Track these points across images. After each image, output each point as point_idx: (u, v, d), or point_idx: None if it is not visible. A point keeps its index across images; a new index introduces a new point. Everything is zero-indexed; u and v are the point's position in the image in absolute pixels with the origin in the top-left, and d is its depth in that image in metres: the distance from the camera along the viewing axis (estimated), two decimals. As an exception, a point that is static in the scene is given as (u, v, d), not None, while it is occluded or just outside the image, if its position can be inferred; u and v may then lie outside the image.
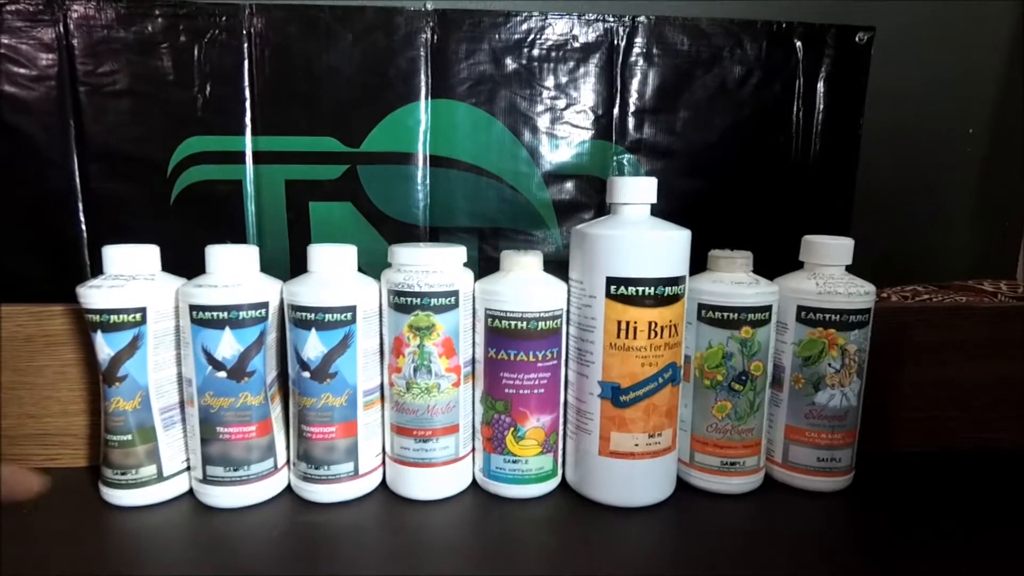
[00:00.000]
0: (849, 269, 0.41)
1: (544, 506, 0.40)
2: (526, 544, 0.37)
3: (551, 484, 0.41)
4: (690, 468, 0.41)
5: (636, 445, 0.38)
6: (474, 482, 0.42)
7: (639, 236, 0.37)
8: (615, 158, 0.67)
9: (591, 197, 0.67)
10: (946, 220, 0.81)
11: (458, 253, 0.39)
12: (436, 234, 0.62)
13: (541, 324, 0.38)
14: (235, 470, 0.38)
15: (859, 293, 0.39)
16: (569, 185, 0.66)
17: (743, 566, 0.34)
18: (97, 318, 0.37)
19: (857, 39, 0.63)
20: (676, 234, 0.38)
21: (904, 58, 0.71)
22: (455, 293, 0.38)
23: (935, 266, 0.78)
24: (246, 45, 0.62)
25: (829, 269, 0.40)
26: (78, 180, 0.63)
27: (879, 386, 0.43)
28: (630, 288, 0.37)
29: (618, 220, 0.38)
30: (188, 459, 0.40)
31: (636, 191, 0.38)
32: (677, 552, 0.37)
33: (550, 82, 0.64)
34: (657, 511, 0.39)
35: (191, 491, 0.40)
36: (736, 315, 0.39)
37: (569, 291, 0.39)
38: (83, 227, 0.63)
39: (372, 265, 0.42)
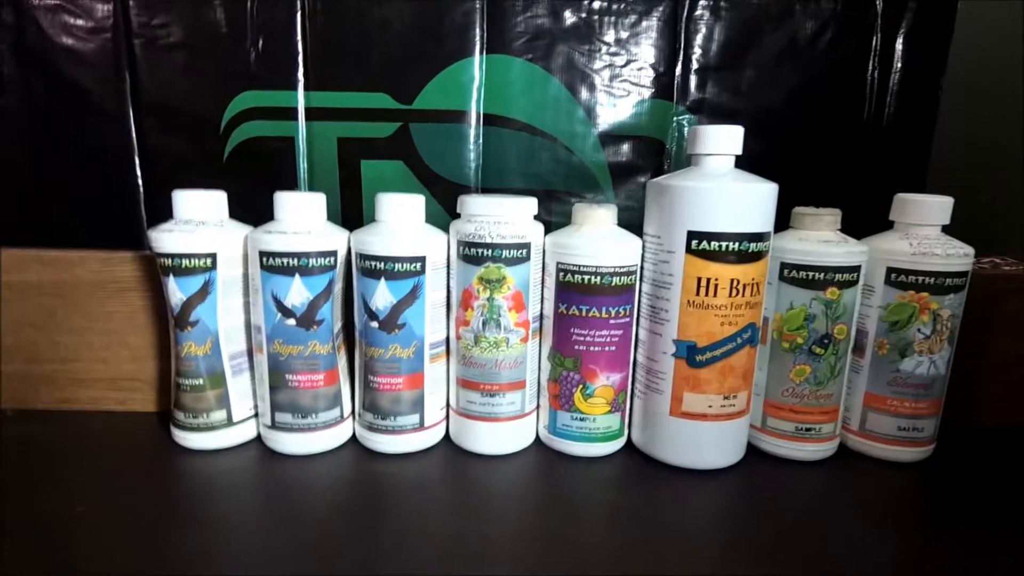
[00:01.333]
0: (946, 230, 0.38)
1: (610, 465, 0.39)
2: (593, 501, 0.36)
3: (618, 444, 0.40)
4: (761, 433, 0.40)
5: (710, 407, 0.37)
6: (537, 439, 0.41)
7: (724, 188, 0.35)
8: (675, 119, 0.64)
9: (647, 160, 0.65)
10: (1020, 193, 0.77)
11: (530, 204, 0.38)
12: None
13: (615, 279, 0.37)
14: (303, 417, 0.38)
15: (958, 255, 0.37)
16: (625, 147, 0.63)
17: (816, 533, 0.33)
18: (169, 262, 0.37)
19: (945, -8, 0.58)
20: (763, 187, 0.36)
21: (987, 15, 0.66)
22: (527, 245, 0.37)
23: (1015, 239, 0.74)
24: (299, -3, 0.60)
25: (924, 229, 0.38)
26: (134, 135, 0.63)
27: (966, 356, 0.40)
28: (712, 243, 0.35)
29: (701, 171, 0.36)
30: (256, 406, 0.40)
31: (721, 141, 0.36)
32: (747, 516, 0.36)
33: (610, 36, 0.61)
34: (727, 475, 0.38)
35: (259, 438, 0.40)
36: (822, 275, 0.37)
37: (644, 247, 0.38)
38: (139, 181, 0.63)
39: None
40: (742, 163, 0.41)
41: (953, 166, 0.72)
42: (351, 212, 0.64)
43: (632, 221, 0.41)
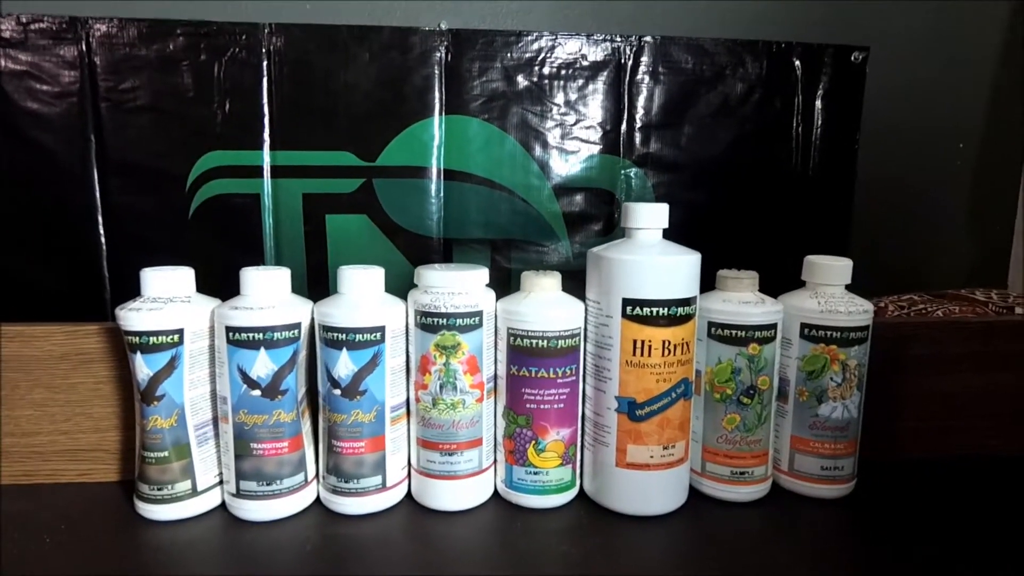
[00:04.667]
0: (848, 286, 0.43)
1: (564, 516, 0.42)
2: (548, 552, 0.39)
3: (570, 494, 0.43)
4: (702, 477, 0.43)
5: (651, 457, 0.40)
6: (496, 493, 0.43)
7: (653, 260, 0.39)
8: (623, 171, 0.69)
9: (600, 209, 0.69)
10: (940, 228, 0.84)
11: (481, 275, 0.41)
12: (449, 246, 0.64)
13: (561, 342, 0.40)
14: (268, 484, 0.40)
15: (858, 311, 0.41)
16: (579, 198, 0.67)
17: (754, 570, 0.36)
18: (136, 340, 0.39)
19: (853, 58, 0.65)
20: (688, 259, 0.40)
21: (898, 72, 0.74)
22: (479, 313, 0.40)
23: (933, 273, 0.81)
24: (265, 63, 0.63)
25: (830, 288, 0.42)
26: (98, 194, 0.64)
27: (879, 397, 0.45)
28: (645, 309, 0.39)
29: (633, 244, 0.40)
30: (221, 473, 0.42)
31: (650, 217, 0.40)
32: (692, 558, 0.39)
33: (560, 99, 0.66)
34: (671, 519, 0.41)
35: (223, 505, 0.42)
36: (744, 332, 0.41)
37: (587, 310, 0.41)
38: (102, 239, 0.64)
39: (387, 276, 0.42)
40: (684, 212, 0.45)
41: (878, 207, 0.79)
42: (316, 265, 0.66)
43: (585, 267, 0.43)
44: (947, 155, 0.82)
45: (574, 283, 0.43)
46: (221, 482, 0.42)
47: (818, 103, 0.69)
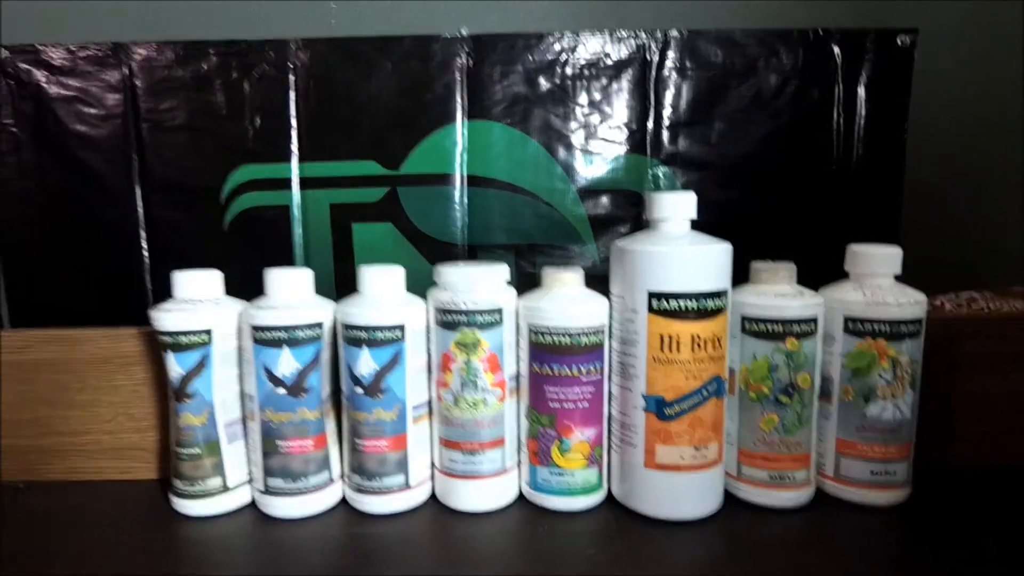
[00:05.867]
0: (899, 278, 0.40)
1: (590, 519, 0.40)
2: (574, 557, 0.37)
3: (597, 497, 0.41)
4: (738, 481, 0.41)
5: (682, 458, 0.38)
6: (520, 494, 0.42)
7: (679, 251, 0.38)
8: (650, 171, 0.67)
9: (626, 211, 0.68)
10: (1000, 222, 0.78)
11: (500, 272, 0.40)
12: (474, 252, 0.64)
13: (584, 339, 0.39)
14: (294, 481, 0.40)
15: (909, 303, 0.38)
16: (604, 200, 0.66)
17: (795, 582, 0.34)
18: (168, 339, 0.40)
19: (899, 42, 0.62)
20: (716, 248, 0.38)
21: (950, 56, 0.69)
22: (499, 310, 0.40)
23: (988, 273, 0.75)
24: (292, 78, 0.65)
25: (877, 279, 0.40)
26: (140, 210, 0.67)
27: (932, 398, 0.41)
28: (672, 302, 0.37)
29: (658, 235, 0.39)
30: (250, 471, 0.42)
31: (675, 207, 0.39)
32: (727, 567, 0.36)
33: (583, 99, 0.65)
34: (705, 525, 0.39)
35: (253, 502, 0.42)
36: (781, 327, 0.38)
37: (611, 306, 0.40)
38: (145, 253, 0.67)
39: (412, 282, 0.43)
40: (715, 214, 0.43)
41: (927, 203, 0.74)
42: (344, 274, 0.67)
43: None
44: (1003, 146, 0.77)
45: (602, 288, 0.41)
46: (250, 480, 0.42)
47: (860, 92, 0.65)
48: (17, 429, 0.46)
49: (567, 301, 0.40)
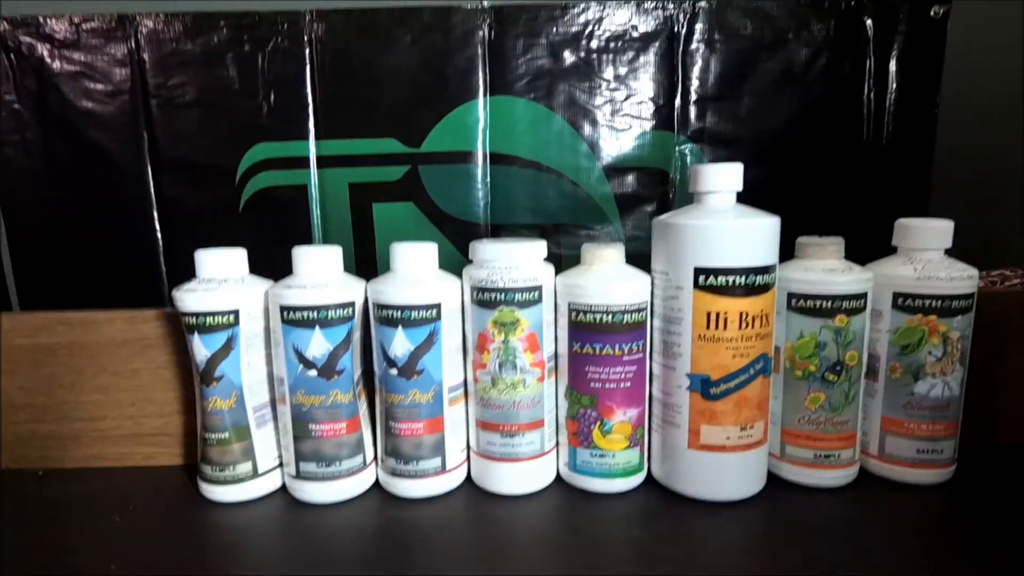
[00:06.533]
0: (949, 252, 0.39)
1: (631, 500, 0.39)
2: (617, 537, 0.36)
3: (638, 478, 0.40)
4: (781, 461, 0.40)
5: (727, 438, 0.37)
6: (558, 477, 0.41)
7: (727, 225, 0.36)
8: (677, 148, 0.66)
9: (652, 190, 0.66)
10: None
11: (539, 248, 0.39)
12: (497, 232, 0.62)
13: (627, 317, 0.38)
14: (327, 466, 0.39)
15: (962, 277, 0.37)
16: (630, 178, 0.65)
17: (841, 561, 0.33)
18: (193, 320, 0.39)
19: (932, 13, 0.60)
20: (766, 221, 0.36)
21: (980, 28, 0.68)
22: (538, 288, 0.38)
23: (1016, 252, 0.74)
24: (307, 51, 0.63)
25: (927, 253, 0.38)
26: (152, 190, 0.65)
27: (980, 374, 0.41)
28: (719, 278, 0.36)
29: (704, 209, 0.37)
30: (280, 456, 0.41)
31: (722, 179, 0.37)
32: (774, 547, 0.36)
33: (609, 73, 0.63)
34: (748, 505, 0.38)
35: (283, 488, 0.41)
36: (830, 303, 0.37)
37: (653, 283, 0.39)
38: (158, 235, 0.65)
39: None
40: (744, 189, 0.42)
41: (957, 179, 0.73)
42: (364, 255, 0.65)
43: (639, 250, 0.41)
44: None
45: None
46: (281, 464, 0.41)
47: (892, 66, 0.64)
48: (31, 415, 0.45)
49: (608, 278, 0.38)
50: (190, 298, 0.39)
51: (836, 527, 0.37)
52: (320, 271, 0.39)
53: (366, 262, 0.54)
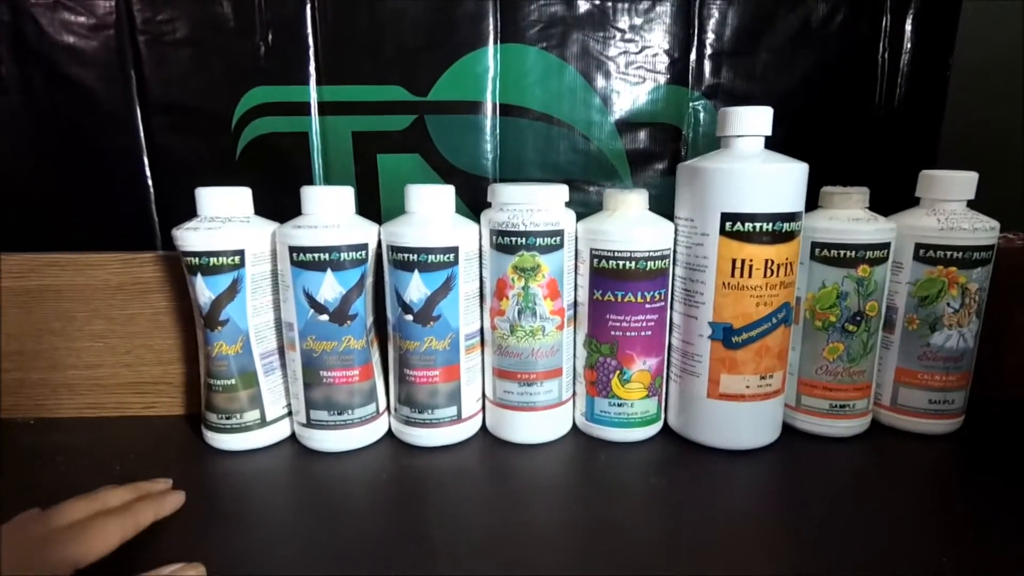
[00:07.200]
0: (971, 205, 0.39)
1: (649, 449, 0.39)
2: (635, 484, 0.36)
3: (655, 428, 0.40)
4: (796, 412, 0.40)
5: (747, 387, 0.37)
6: (574, 427, 0.41)
7: (756, 169, 0.35)
8: (690, 104, 0.64)
9: (665, 146, 0.65)
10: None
11: (562, 191, 0.38)
12: (505, 187, 0.61)
13: (650, 264, 0.37)
14: (339, 414, 0.38)
15: (984, 228, 0.37)
16: (642, 134, 0.63)
17: (856, 507, 0.34)
18: (195, 261, 0.37)
19: (951, -29, 0.59)
20: (795, 166, 0.36)
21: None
22: (560, 232, 0.37)
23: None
24: (307, -12, 0.59)
25: (951, 204, 0.38)
26: (142, 134, 0.61)
27: (991, 329, 0.41)
28: (746, 224, 0.35)
29: (732, 153, 0.37)
30: (288, 404, 0.40)
31: (751, 122, 0.36)
32: (789, 495, 0.36)
33: (624, 23, 0.61)
34: (764, 454, 0.39)
35: (292, 436, 0.40)
36: (854, 253, 0.37)
37: (676, 230, 0.38)
38: (149, 182, 0.62)
39: None
40: None
41: (964, 144, 0.73)
42: (369, 209, 0.63)
43: (651, 208, 0.41)
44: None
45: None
46: (290, 413, 0.40)
47: (908, 26, 0.63)
48: (21, 362, 0.42)
49: (632, 224, 0.37)
50: (192, 236, 0.37)
51: (849, 475, 0.37)
52: (331, 212, 0.38)
53: (371, 216, 0.51)
